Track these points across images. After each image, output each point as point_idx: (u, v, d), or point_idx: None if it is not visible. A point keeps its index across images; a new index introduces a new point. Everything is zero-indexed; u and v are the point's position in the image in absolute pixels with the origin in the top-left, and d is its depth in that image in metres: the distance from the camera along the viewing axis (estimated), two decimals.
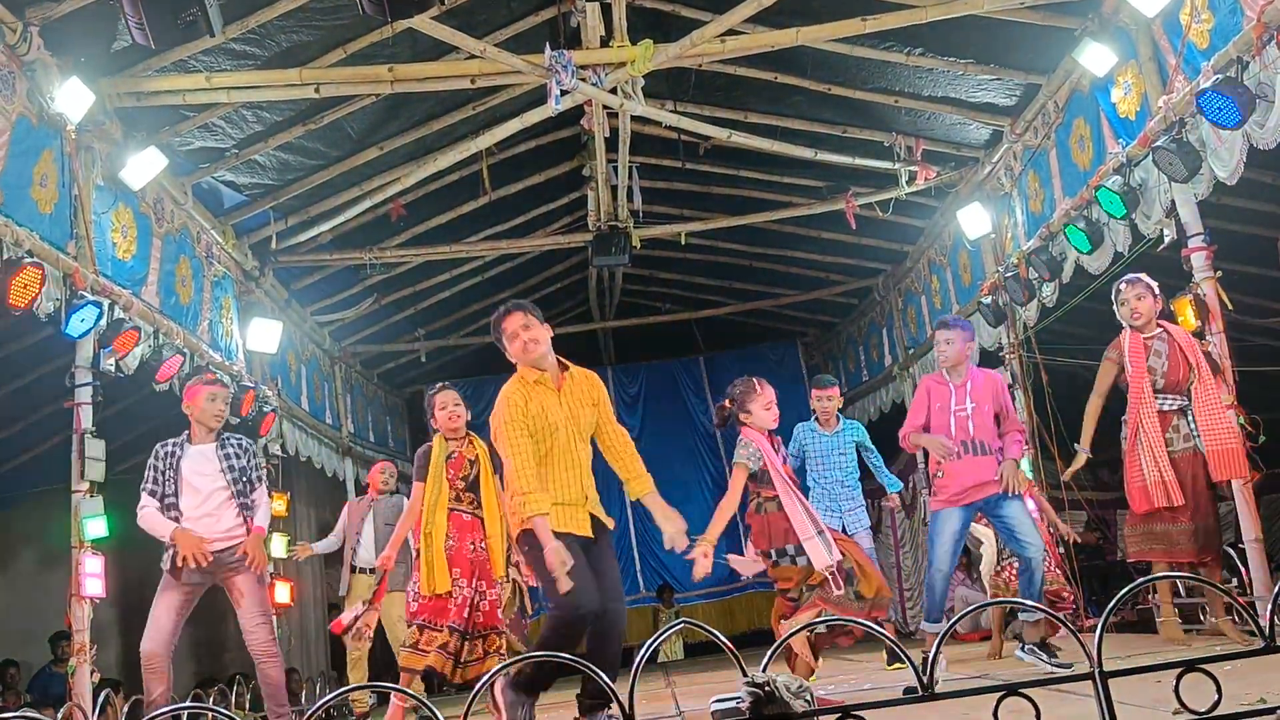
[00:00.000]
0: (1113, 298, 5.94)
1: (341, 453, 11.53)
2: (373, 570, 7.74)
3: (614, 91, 7.20)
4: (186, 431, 5.67)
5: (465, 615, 5.64)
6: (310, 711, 3.83)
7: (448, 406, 5.95)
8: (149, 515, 5.47)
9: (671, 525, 4.77)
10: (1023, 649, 5.58)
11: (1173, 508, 5.63)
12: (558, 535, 4.42)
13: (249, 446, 5.76)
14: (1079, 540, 7.74)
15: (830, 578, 5.52)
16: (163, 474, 5.54)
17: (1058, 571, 7.05)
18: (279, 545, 8.82)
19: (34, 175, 5.92)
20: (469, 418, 6.02)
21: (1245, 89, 5.34)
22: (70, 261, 6.09)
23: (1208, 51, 5.76)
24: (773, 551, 5.70)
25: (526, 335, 4.66)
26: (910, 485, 12.52)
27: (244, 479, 5.61)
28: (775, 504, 5.67)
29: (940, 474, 5.73)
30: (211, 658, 11.04)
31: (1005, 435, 5.66)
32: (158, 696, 5.27)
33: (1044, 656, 5.42)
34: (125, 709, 6.88)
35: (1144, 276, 5.92)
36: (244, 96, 6.99)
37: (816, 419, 7.34)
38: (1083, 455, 6.05)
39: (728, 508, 5.60)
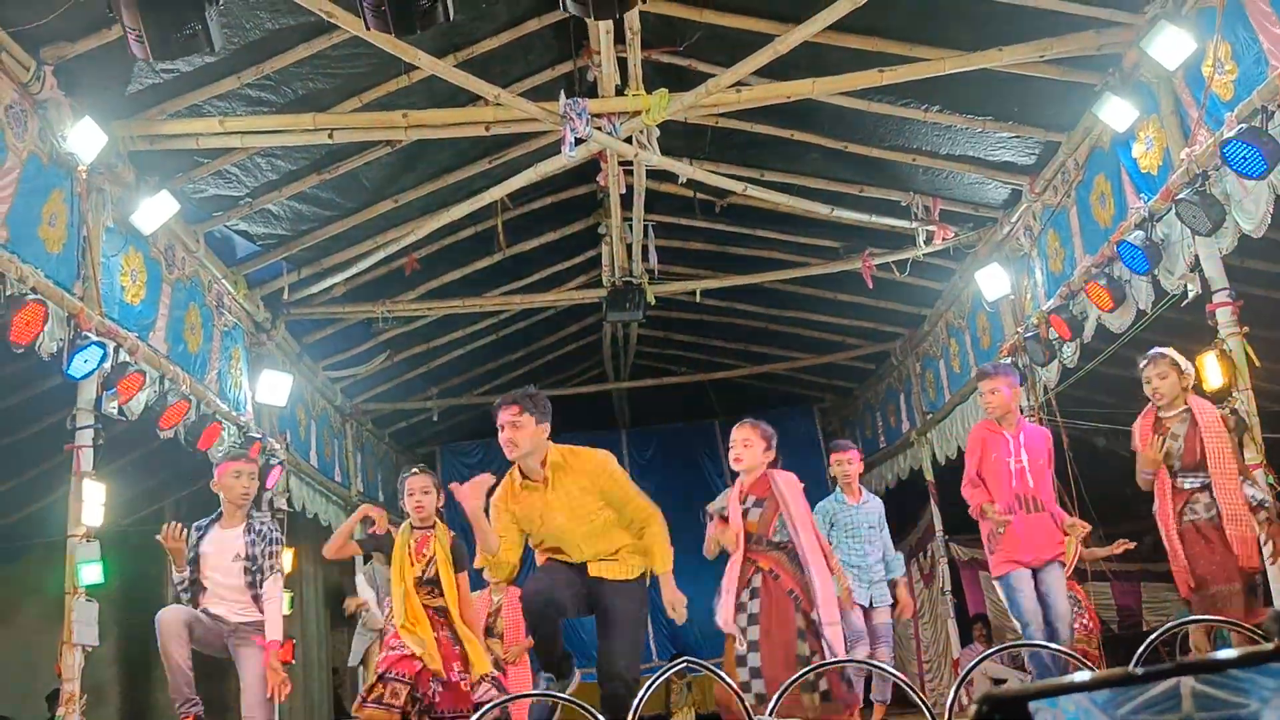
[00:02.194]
0: (1139, 373, 5.81)
1: (350, 511, 11.34)
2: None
3: (629, 141, 7.16)
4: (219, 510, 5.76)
5: (430, 688, 5.44)
6: None
7: (415, 494, 5.79)
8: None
9: (671, 595, 4.83)
10: None
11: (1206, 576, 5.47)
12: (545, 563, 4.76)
13: (267, 533, 5.75)
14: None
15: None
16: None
17: (1090, 626, 6.90)
18: (285, 603, 8.66)
19: (43, 214, 5.88)
20: (439, 504, 5.88)
21: (1271, 138, 5.23)
22: (76, 302, 6.02)
23: (1231, 103, 5.66)
24: None
25: (506, 435, 4.81)
26: (929, 553, 12.29)
27: (255, 567, 5.61)
28: None
29: (1001, 531, 5.64)
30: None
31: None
32: (181, 662, 5.30)
33: None
34: None
35: (1169, 352, 5.75)
36: (257, 141, 6.98)
37: (839, 487, 7.19)
38: None
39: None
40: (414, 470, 6.00)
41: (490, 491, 4.96)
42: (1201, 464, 5.54)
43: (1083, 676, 0.51)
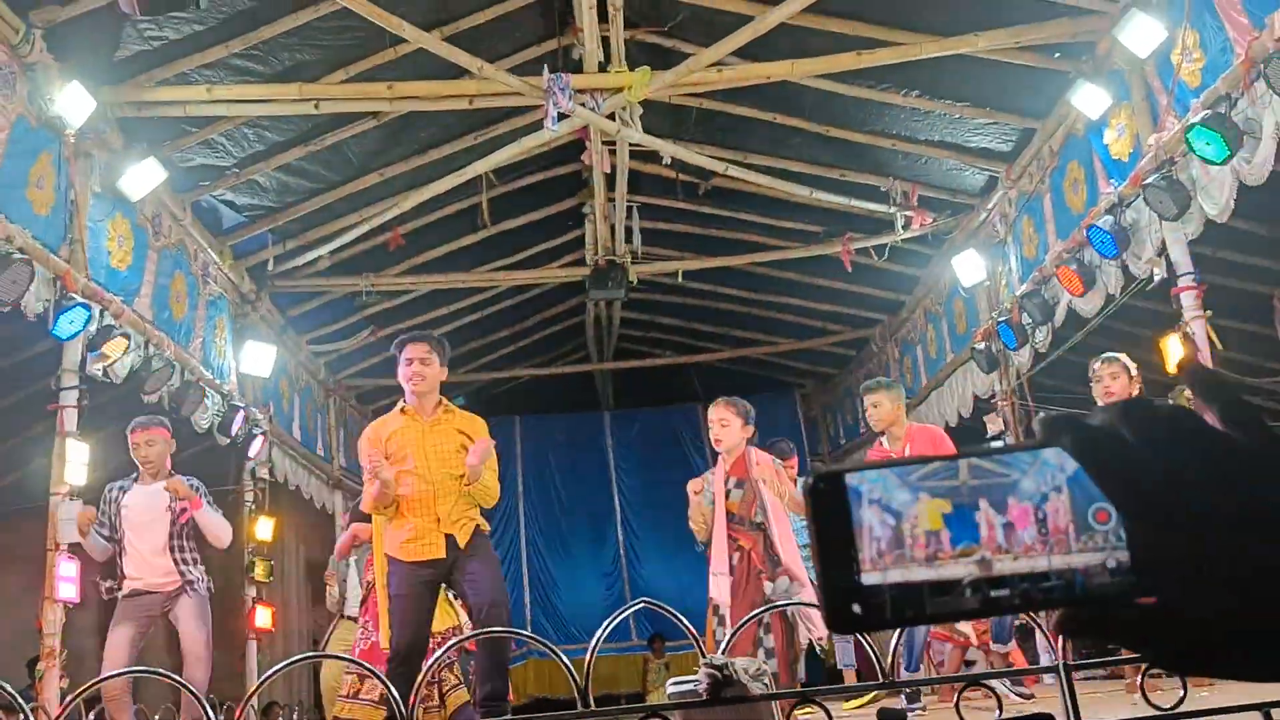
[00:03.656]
0: (1089, 375, 5.87)
1: (332, 485, 11.47)
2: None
3: (612, 117, 7.27)
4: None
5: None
6: None
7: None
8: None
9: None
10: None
11: None
12: (407, 564, 4.85)
13: (197, 483, 5.93)
14: None
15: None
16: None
17: None
18: (260, 570, 8.77)
19: (30, 176, 5.96)
20: None
21: (1232, 124, 5.37)
22: (62, 264, 6.11)
23: (1198, 90, 5.80)
24: None
25: (414, 369, 5.07)
26: None
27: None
28: None
29: None
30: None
31: None
32: None
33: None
34: None
35: (1122, 356, 5.86)
36: (244, 110, 7.06)
37: None
38: None
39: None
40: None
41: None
42: None
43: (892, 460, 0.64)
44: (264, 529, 8.92)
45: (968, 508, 0.62)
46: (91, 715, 6.25)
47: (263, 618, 8.69)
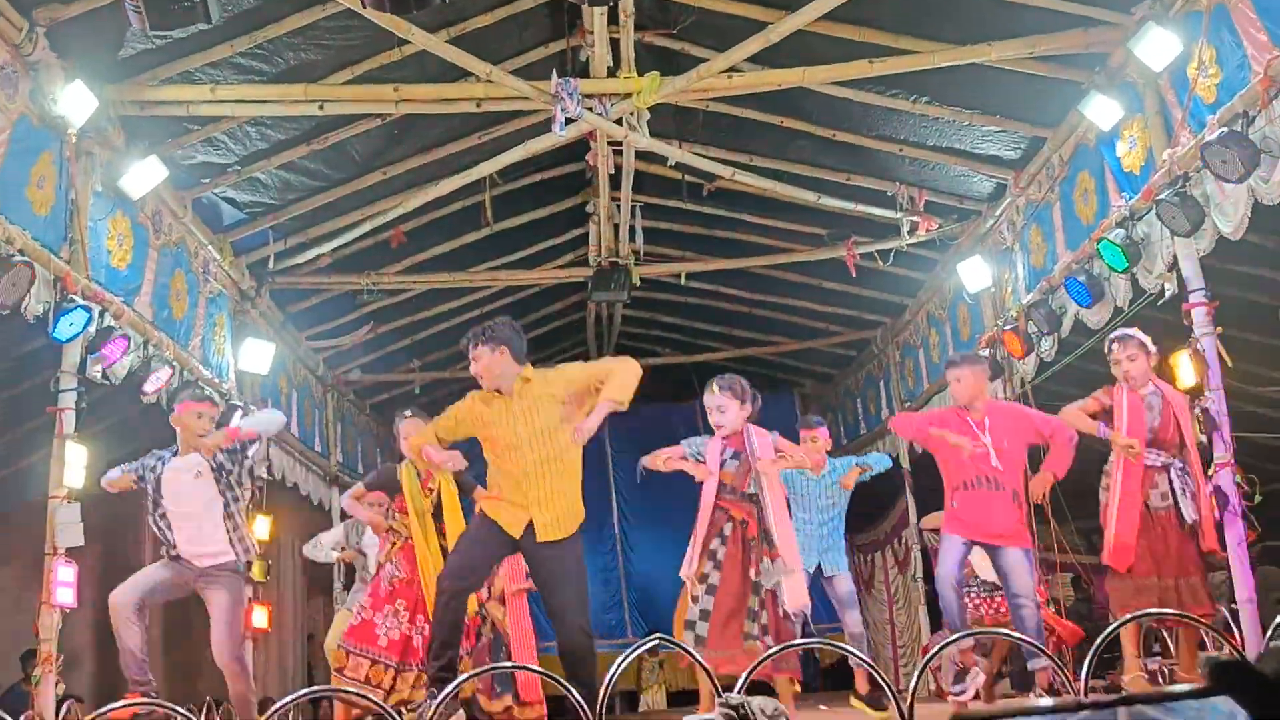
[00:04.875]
0: (1106, 354, 5.90)
1: (329, 481, 11.41)
2: None
3: (619, 122, 7.20)
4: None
5: (401, 651, 5.54)
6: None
7: (413, 435, 5.91)
8: None
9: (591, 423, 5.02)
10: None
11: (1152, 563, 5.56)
12: (483, 517, 4.99)
13: (236, 450, 5.81)
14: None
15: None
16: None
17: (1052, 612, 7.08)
18: (257, 569, 8.71)
19: (31, 176, 5.89)
20: None
21: (1250, 142, 5.32)
22: (62, 265, 6.04)
23: (1214, 106, 5.74)
24: None
25: (474, 371, 5.12)
26: (902, 540, 12.47)
27: (224, 477, 5.72)
28: None
29: (955, 504, 5.79)
30: (186, 682, 10.85)
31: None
32: (132, 645, 5.30)
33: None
34: None
35: (1136, 332, 5.86)
36: (248, 110, 6.99)
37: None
38: None
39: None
40: (407, 414, 6.15)
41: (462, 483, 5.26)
42: (1170, 441, 5.62)
43: (1044, 702, 0.59)
44: (261, 528, 8.85)
45: None
46: None
47: (259, 618, 8.63)
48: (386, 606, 5.77)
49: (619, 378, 4.98)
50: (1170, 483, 5.61)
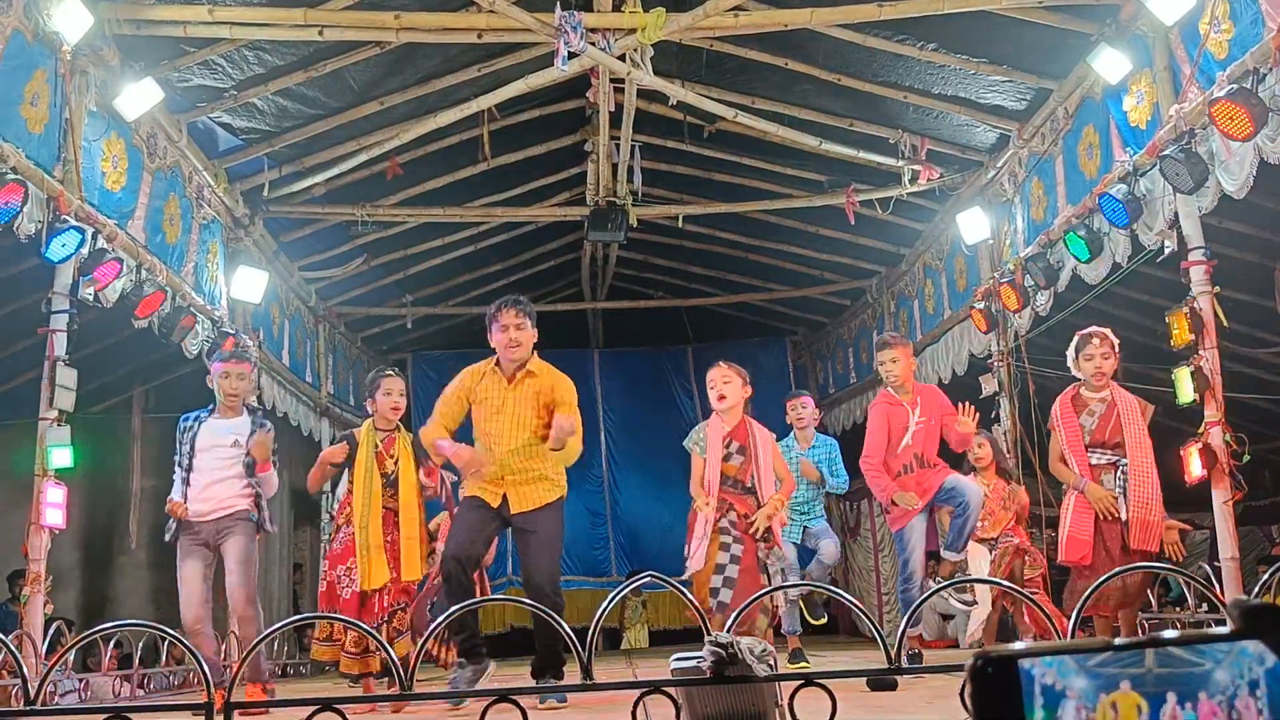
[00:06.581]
0: (1074, 351, 5.79)
1: (319, 413, 11.41)
2: None
3: (622, 59, 7.11)
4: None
5: (356, 610, 5.55)
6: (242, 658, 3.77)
7: (393, 394, 5.91)
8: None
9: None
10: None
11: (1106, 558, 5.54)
12: (468, 495, 5.14)
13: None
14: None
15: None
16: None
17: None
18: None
19: (25, 93, 5.79)
20: (403, 410, 6.03)
21: (1260, 100, 5.26)
22: (56, 184, 5.96)
23: (1225, 62, 5.68)
24: None
25: (510, 335, 5.10)
26: (855, 509, 12.97)
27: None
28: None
29: (894, 505, 5.95)
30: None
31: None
32: (209, 655, 5.42)
33: None
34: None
35: (1108, 332, 5.77)
36: (246, 34, 6.86)
37: (794, 431, 7.69)
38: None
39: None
40: (389, 371, 6.11)
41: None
42: (1108, 440, 5.59)
43: (1068, 642, 0.59)
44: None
45: (1154, 698, 0.57)
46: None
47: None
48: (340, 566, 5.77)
49: (568, 426, 4.98)
50: (1117, 482, 5.56)
